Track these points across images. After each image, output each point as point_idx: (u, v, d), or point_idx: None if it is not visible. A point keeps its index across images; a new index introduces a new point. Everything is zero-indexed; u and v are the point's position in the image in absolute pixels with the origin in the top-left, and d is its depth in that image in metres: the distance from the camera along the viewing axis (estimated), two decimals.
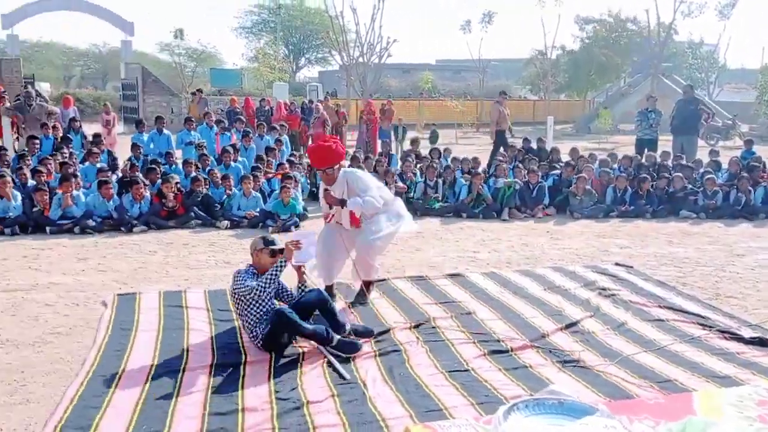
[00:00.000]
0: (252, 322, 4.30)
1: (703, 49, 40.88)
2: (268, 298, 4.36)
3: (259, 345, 4.28)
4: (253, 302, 4.30)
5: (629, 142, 18.24)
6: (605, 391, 3.71)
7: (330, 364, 4.07)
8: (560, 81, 36.48)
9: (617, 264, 6.70)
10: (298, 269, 4.66)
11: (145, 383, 3.79)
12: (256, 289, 4.25)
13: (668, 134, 14.12)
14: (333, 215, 5.31)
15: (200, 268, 6.50)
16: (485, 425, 1.70)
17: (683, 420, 1.35)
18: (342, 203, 5.11)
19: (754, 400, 1.81)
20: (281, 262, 4.37)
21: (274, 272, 4.31)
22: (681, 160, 11.56)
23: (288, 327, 4.19)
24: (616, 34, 35.20)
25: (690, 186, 10.18)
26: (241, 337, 4.51)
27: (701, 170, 10.96)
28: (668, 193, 10.06)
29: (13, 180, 8.51)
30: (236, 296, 4.33)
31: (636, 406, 1.82)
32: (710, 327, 4.80)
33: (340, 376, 3.91)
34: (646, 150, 12.86)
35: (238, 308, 4.40)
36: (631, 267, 6.58)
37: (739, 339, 4.57)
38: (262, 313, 4.30)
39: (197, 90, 20.62)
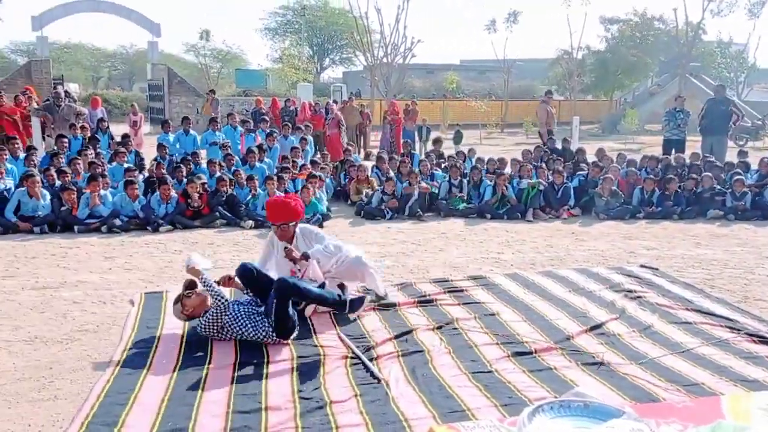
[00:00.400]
0: (252, 330, 4.36)
1: (732, 49, 40.18)
2: (238, 304, 4.48)
3: (275, 338, 4.33)
4: (231, 318, 4.37)
5: (655, 143, 18.02)
6: (631, 394, 3.66)
7: (361, 364, 4.07)
8: (586, 81, 36.11)
9: (642, 266, 6.62)
10: (227, 282, 4.74)
11: (171, 381, 3.83)
12: (217, 309, 4.34)
13: (696, 135, 13.91)
14: (302, 272, 5.04)
15: (225, 267, 6.54)
16: (510, 427, 1.69)
17: (712, 424, 1.32)
18: (305, 257, 4.97)
19: None
20: (202, 279, 4.48)
21: (207, 287, 4.44)
22: (710, 161, 11.39)
23: (293, 291, 4.31)
24: (643, 33, 34.72)
25: (718, 186, 10.01)
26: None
27: (730, 172, 10.77)
28: (696, 194, 9.91)
29: (41, 180, 8.67)
30: (218, 330, 4.39)
31: (663, 410, 1.79)
32: (738, 330, 4.71)
33: (373, 376, 3.91)
34: (673, 150, 12.68)
35: (232, 334, 4.42)
36: (657, 269, 6.49)
37: None
38: (248, 317, 4.38)
39: (210, 90, 21.10)
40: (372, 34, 29.69)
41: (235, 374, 3.94)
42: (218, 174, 9.55)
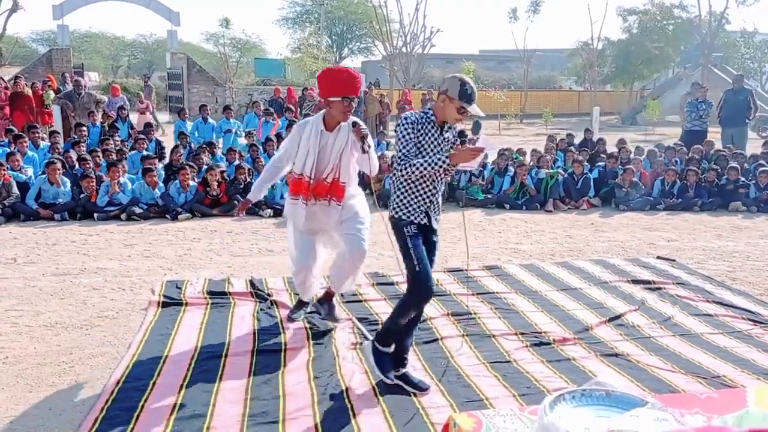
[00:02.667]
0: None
1: (757, 39, 39.41)
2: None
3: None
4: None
5: (675, 134, 17.77)
6: (651, 385, 3.63)
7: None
8: (606, 72, 35.68)
9: (659, 257, 6.54)
10: None
11: (189, 368, 3.85)
12: (410, 166, 3.33)
13: (717, 126, 13.68)
14: (313, 186, 4.06)
15: (244, 255, 6.58)
16: (530, 415, 1.67)
17: (740, 412, 1.30)
18: (363, 140, 3.96)
19: None
20: (447, 163, 3.31)
21: (437, 164, 3.30)
22: (730, 151, 11.23)
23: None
24: (662, 23, 34.14)
25: (742, 179, 9.87)
26: (282, 325, 4.56)
27: (755, 163, 10.60)
28: (718, 186, 9.78)
29: (63, 165, 8.75)
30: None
31: (686, 400, 1.76)
32: (761, 323, 4.65)
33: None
34: (694, 141, 12.49)
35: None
36: (674, 260, 6.41)
37: None
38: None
39: (144, 75, 21.08)
40: (391, 24, 29.56)
41: (254, 361, 3.96)
42: (237, 162, 9.57)
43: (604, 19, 46.15)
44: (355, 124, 4.00)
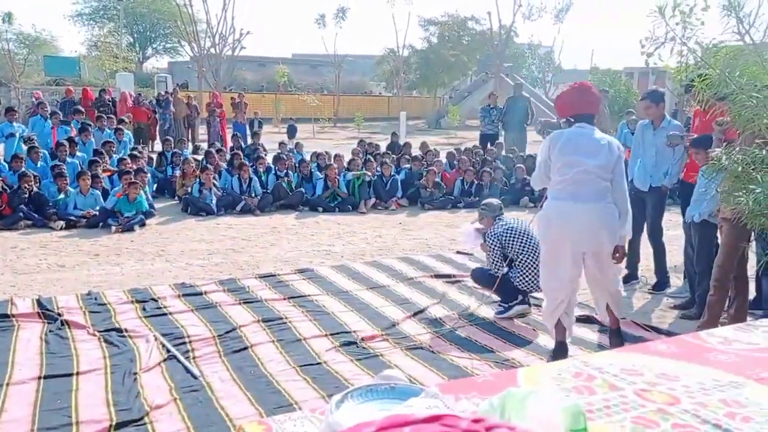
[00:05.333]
0: None
1: (541, 51, 43.75)
2: None
3: None
4: None
5: (474, 138, 19.14)
6: (449, 373, 3.86)
7: (180, 365, 3.90)
8: (412, 78, 37.51)
9: (459, 252, 7.01)
10: None
11: None
12: None
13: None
14: None
15: (30, 272, 5.96)
16: (320, 416, 1.69)
17: (503, 392, 1.41)
18: None
19: (571, 373, 1.95)
20: None
21: None
22: (514, 153, 12.40)
23: None
24: (459, 34, 36.71)
25: (527, 177, 10.88)
26: (75, 346, 4.19)
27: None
28: (508, 184, 10.71)
29: None
30: None
31: (465, 385, 1.89)
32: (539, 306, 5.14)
33: (193, 376, 3.76)
34: (489, 144, 13.56)
35: None
36: (472, 254, 6.90)
37: None
38: None
39: None
40: (199, 24, 28.59)
41: (41, 388, 3.59)
42: (22, 170, 8.65)
43: (408, 27, 48.59)
44: None
